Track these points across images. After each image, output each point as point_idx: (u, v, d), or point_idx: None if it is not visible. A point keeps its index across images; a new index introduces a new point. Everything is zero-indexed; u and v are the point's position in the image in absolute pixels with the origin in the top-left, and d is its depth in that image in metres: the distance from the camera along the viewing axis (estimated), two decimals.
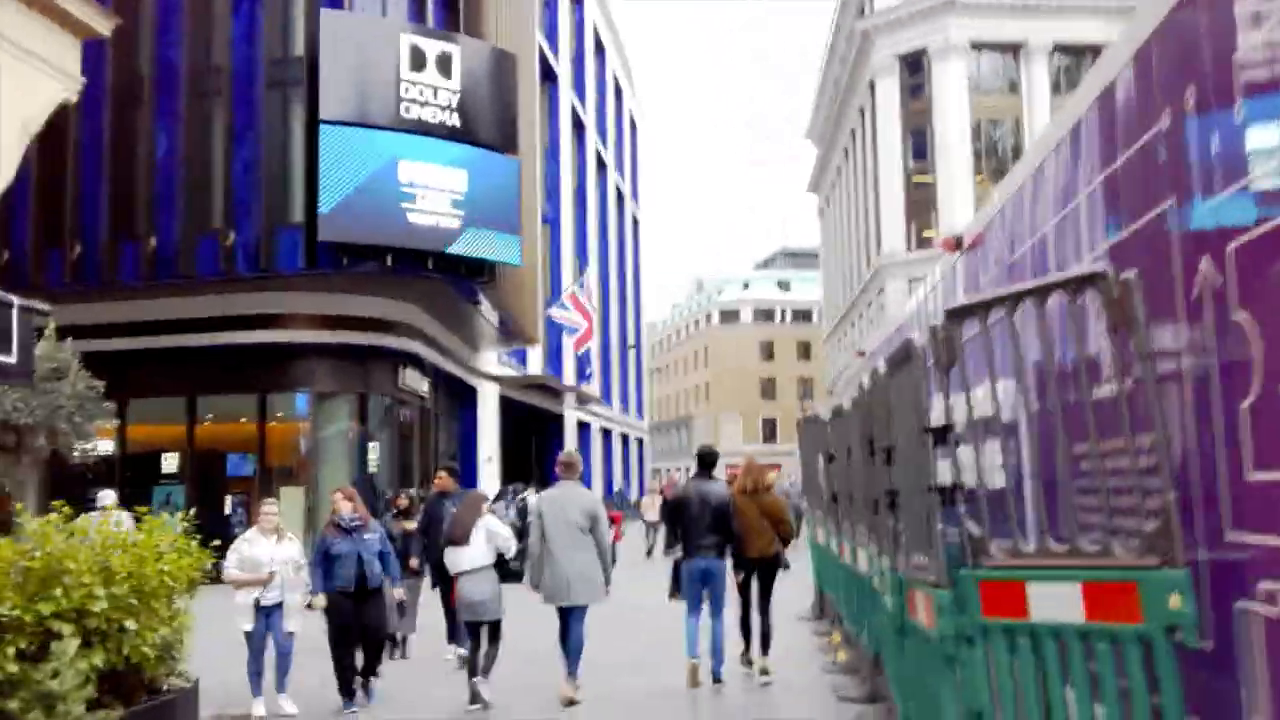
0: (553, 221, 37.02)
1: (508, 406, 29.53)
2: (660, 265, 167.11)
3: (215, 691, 7.32)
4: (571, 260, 37.87)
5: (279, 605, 7.85)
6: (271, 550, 7.89)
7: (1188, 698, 3.28)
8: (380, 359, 19.76)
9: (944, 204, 40.04)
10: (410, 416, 21.31)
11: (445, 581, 9.10)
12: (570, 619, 8.00)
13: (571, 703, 7.90)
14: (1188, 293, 3.49)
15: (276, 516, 8.09)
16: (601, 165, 46.87)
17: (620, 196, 51.81)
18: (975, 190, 39.63)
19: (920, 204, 41.63)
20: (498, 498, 12.74)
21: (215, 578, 6.95)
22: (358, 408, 19.69)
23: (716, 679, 8.46)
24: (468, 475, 26.47)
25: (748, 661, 8.92)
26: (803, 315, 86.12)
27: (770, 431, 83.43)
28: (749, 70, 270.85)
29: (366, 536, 8.08)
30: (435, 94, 17.51)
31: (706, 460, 8.99)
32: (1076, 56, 39.67)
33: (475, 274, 18.16)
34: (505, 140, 18.78)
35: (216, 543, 6.87)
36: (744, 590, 8.93)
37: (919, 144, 42.20)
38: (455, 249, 17.32)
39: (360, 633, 8.04)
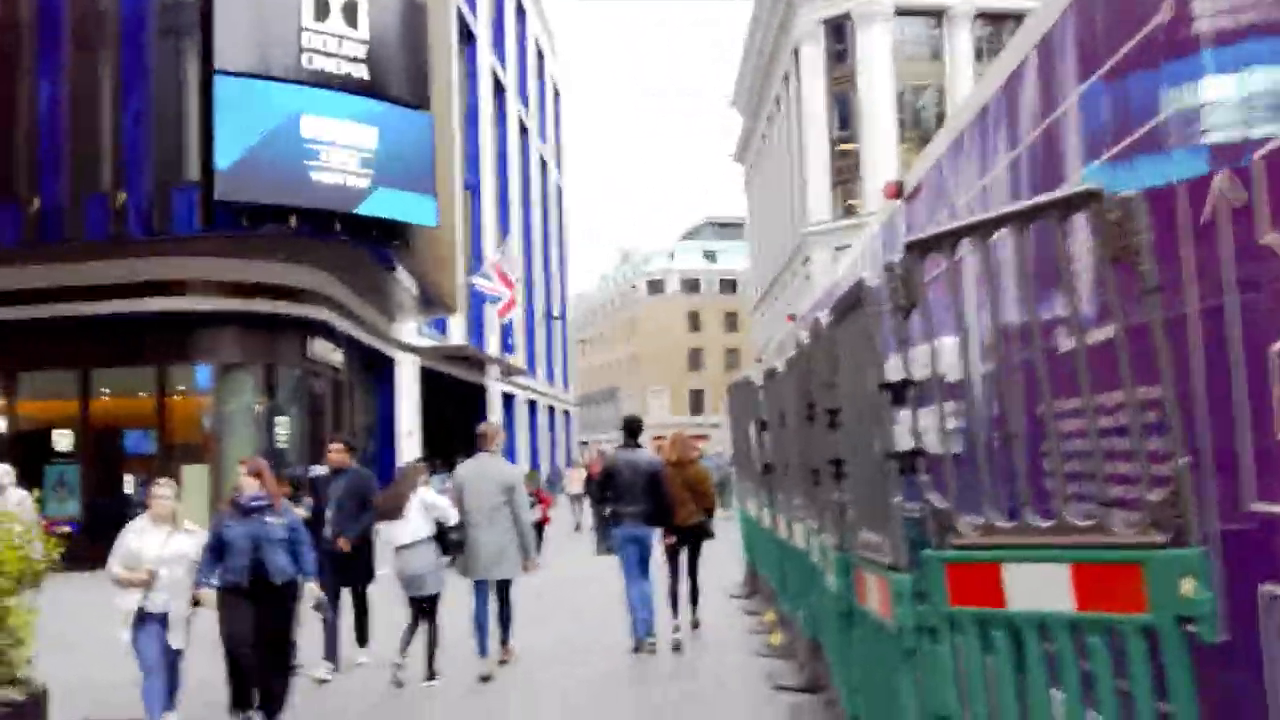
0: (473, 188, 35.96)
1: (429, 378, 28.57)
2: (586, 236, 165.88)
3: (103, 701, 6.53)
4: (494, 228, 36.88)
5: (166, 613, 6.42)
6: (162, 543, 6.47)
7: (1202, 701, 2.72)
8: (288, 328, 18.71)
9: (869, 171, 39.87)
10: (322, 389, 20.29)
11: (341, 575, 8.21)
12: (490, 594, 8.02)
13: (488, 678, 7.84)
14: (1195, 215, 2.92)
15: (171, 502, 6.62)
16: (524, 131, 45.75)
17: (543, 164, 50.74)
18: (900, 158, 39.51)
19: (845, 171, 41.44)
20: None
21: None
22: (264, 380, 18.62)
23: (645, 639, 8.59)
24: (386, 450, 25.56)
25: (677, 639, 8.81)
26: (729, 285, 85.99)
27: (698, 403, 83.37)
28: (677, 37, 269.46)
29: (270, 520, 6.54)
30: (340, 44, 16.42)
31: (632, 429, 9.18)
32: (997, 24, 39.67)
33: (388, 237, 17.16)
34: (418, 95, 17.77)
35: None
36: (673, 559, 9.09)
37: (843, 111, 41.96)
38: (365, 210, 16.30)
39: (257, 640, 6.44)
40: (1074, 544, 2.98)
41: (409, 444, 26.14)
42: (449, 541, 7.92)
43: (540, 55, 51.16)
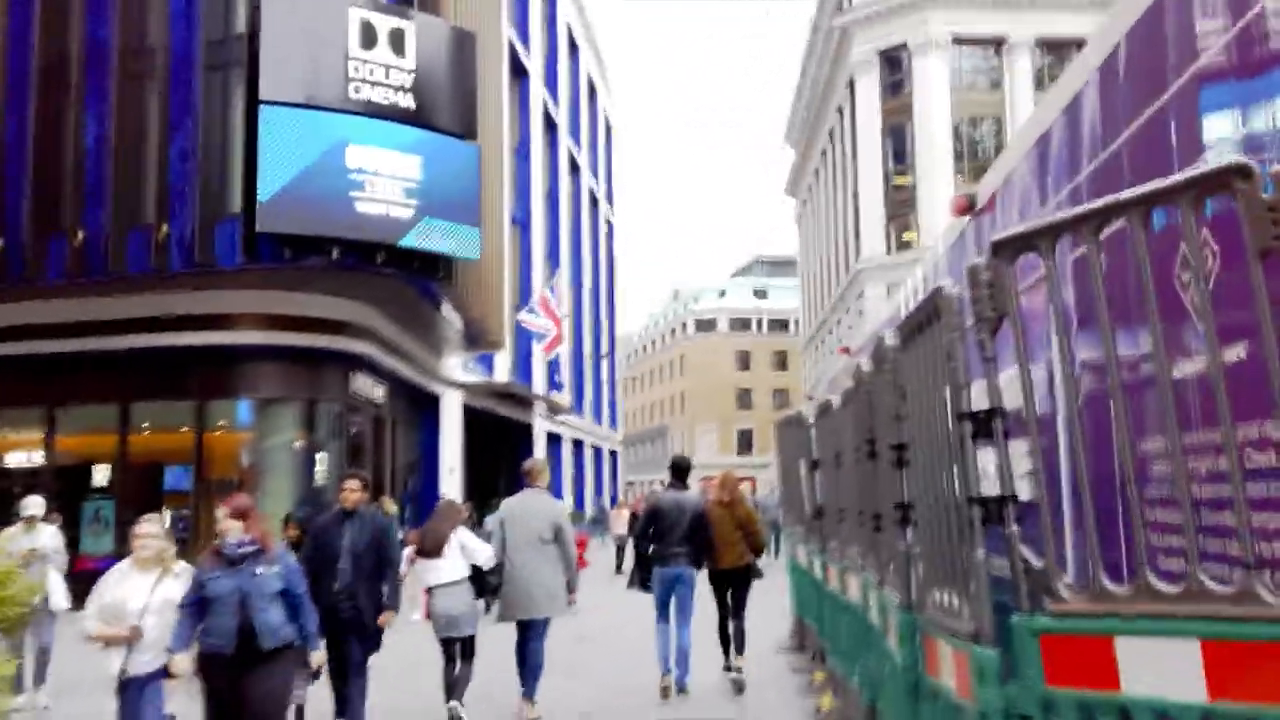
0: (523, 223, 35.81)
1: (473, 416, 28.21)
2: (636, 274, 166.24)
3: None
4: (542, 264, 36.68)
5: (157, 674, 5.49)
6: (148, 591, 5.58)
7: None
8: (329, 363, 18.43)
9: (924, 205, 39.10)
10: (363, 425, 19.95)
11: (336, 633, 6.84)
12: (529, 634, 7.77)
13: None
14: None
15: (158, 542, 5.76)
16: (575, 167, 45.69)
17: (594, 200, 50.63)
18: (957, 190, 38.72)
19: (900, 205, 40.71)
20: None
21: None
22: (305, 416, 18.32)
23: (681, 689, 8.48)
24: (429, 488, 25.16)
25: (728, 668, 8.94)
26: (779, 324, 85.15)
27: (746, 443, 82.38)
28: (730, 73, 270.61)
29: (260, 571, 5.45)
30: (387, 74, 16.22)
31: (680, 469, 9.14)
32: (1059, 52, 38.85)
33: (430, 270, 16.85)
34: (464, 125, 17.49)
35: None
36: (721, 601, 9.07)
37: (898, 143, 41.31)
38: (408, 241, 16.00)
39: None
40: (1208, 615, 2.37)
41: (451, 482, 25.73)
42: (485, 584, 7.75)
43: (593, 91, 51.24)
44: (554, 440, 39.45)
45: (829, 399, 6.76)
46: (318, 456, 18.34)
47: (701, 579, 8.77)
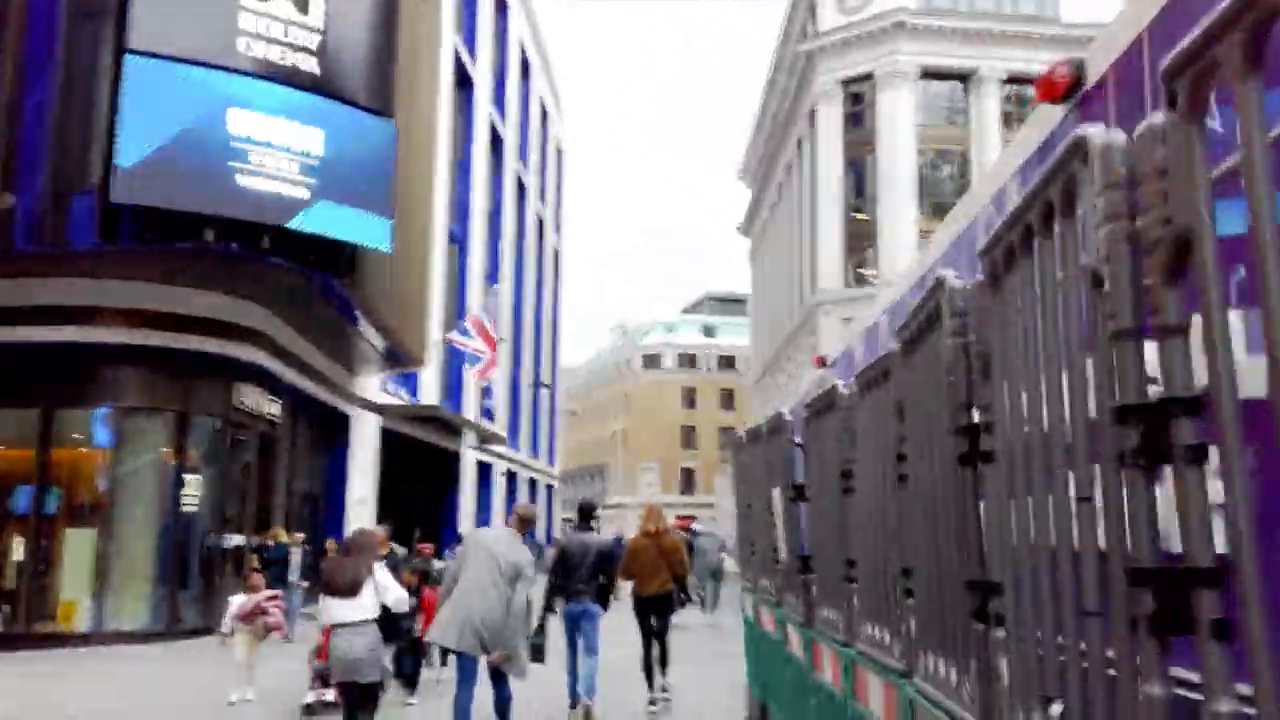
0: (461, 241, 33.34)
1: (393, 442, 25.46)
2: (582, 306, 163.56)
3: None
4: (480, 286, 34.22)
5: None
6: None
7: None
8: (209, 371, 15.71)
9: (885, 240, 37.29)
10: (249, 445, 17.16)
11: None
12: (494, 678, 7.49)
13: None
14: None
15: None
16: (522, 191, 43.37)
17: (540, 226, 48.29)
18: (920, 225, 36.97)
19: (859, 240, 38.87)
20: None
21: None
22: (175, 430, 15.55)
23: (584, 698, 8.79)
24: (333, 520, 22.36)
25: (652, 702, 9.51)
26: (728, 362, 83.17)
27: (688, 482, 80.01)
28: (686, 104, 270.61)
29: None
30: (286, 31, 13.67)
31: (585, 512, 9.66)
32: (1027, 88, 37.42)
33: (330, 263, 14.22)
34: (380, 100, 14.95)
35: None
36: (645, 626, 9.69)
37: (859, 177, 39.54)
38: (300, 224, 13.38)
39: None
40: None
41: (360, 513, 22.93)
42: (396, 628, 7.65)
43: (544, 115, 49.08)
44: (484, 470, 36.69)
45: (835, 385, 4.44)
46: (188, 479, 15.53)
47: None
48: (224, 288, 14.79)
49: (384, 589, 7.04)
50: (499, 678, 7.49)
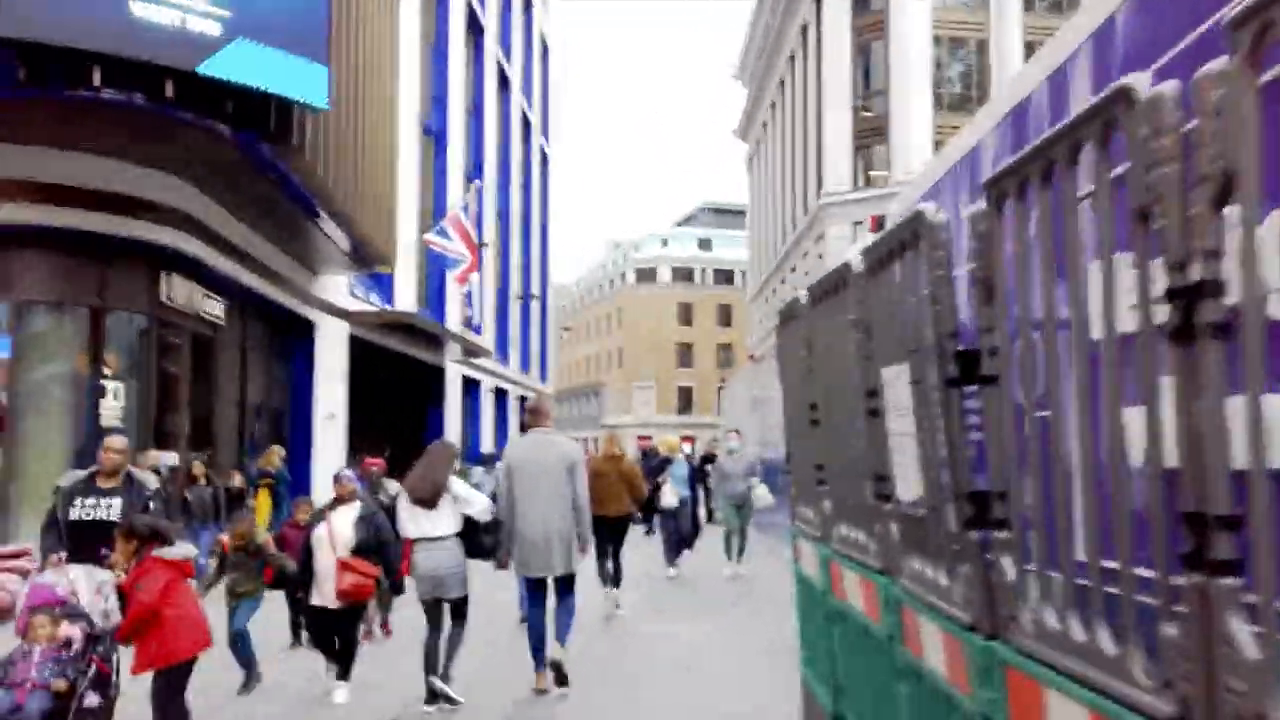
0: (438, 134, 30.60)
1: (366, 352, 23.12)
2: (573, 221, 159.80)
3: None
4: (461, 184, 31.50)
5: None
6: None
7: None
8: (126, 257, 13.28)
9: (897, 136, 34.59)
10: (182, 349, 14.76)
11: None
12: (559, 589, 7.38)
13: (545, 692, 7.13)
14: None
15: None
16: (504, 82, 40.33)
17: (526, 124, 45.27)
18: (934, 121, 34.26)
19: (868, 135, 36.15)
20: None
21: None
22: (89, 329, 13.16)
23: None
24: (300, 435, 20.15)
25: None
26: (725, 276, 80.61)
27: (686, 401, 78.07)
28: (672, 11, 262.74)
29: None
30: None
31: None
32: None
33: (256, 120, 11.68)
34: None
35: None
36: (600, 547, 10.21)
37: (868, 67, 36.65)
38: (212, 69, 10.80)
39: None
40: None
41: (329, 430, 20.71)
42: (479, 542, 7.12)
43: (528, 2, 45.71)
44: (471, 387, 34.48)
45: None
46: (108, 386, 13.20)
47: None
48: (133, 156, 12.25)
49: (465, 501, 7.00)
50: (565, 592, 7.41)
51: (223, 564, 7.15)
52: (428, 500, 6.87)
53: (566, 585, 7.42)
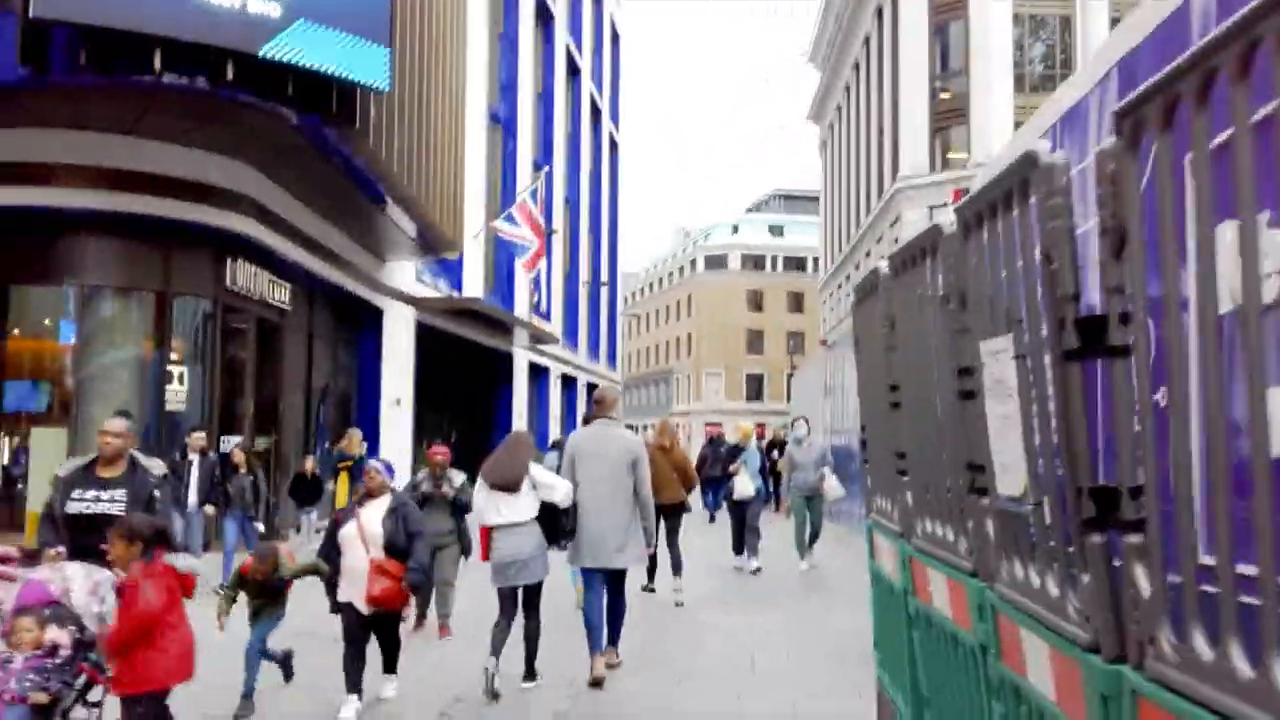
0: (507, 122, 30.47)
1: (434, 338, 23.08)
2: (642, 208, 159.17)
3: None
4: (530, 173, 31.31)
5: None
6: None
7: None
8: (192, 242, 13.25)
9: (977, 117, 33.54)
10: (248, 333, 14.73)
11: None
12: (609, 587, 7.29)
13: (601, 683, 6.92)
14: None
15: None
16: (574, 70, 40.09)
17: (596, 111, 45.00)
18: (1015, 103, 33.13)
19: (946, 117, 35.11)
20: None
21: None
22: (153, 315, 13.17)
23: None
24: (367, 420, 20.12)
25: (648, 588, 10.48)
26: (796, 263, 79.51)
27: (756, 389, 77.28)
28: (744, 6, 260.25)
29: None
30: None
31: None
32: None
33: (317, 102, 11.48)
34: None
35: None
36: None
37: (945, 47, 35.58)
38: (274, 51, 10.66)
39: None
40: None
41: (395, 416, 20.68)
42: (559, 528, 7.05)
43: None
44: (538, 374, 34.39)
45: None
46: (173, 371, 13.21)
47: None
48: (196, 141, 12.18)
49: (547, 486, 6.95)
50: (615, 586, 7.34)
51: (241, 585, 6.46)
52: (510, 486, 6.87)
53: (618, 584, 7.36)
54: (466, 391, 28.35)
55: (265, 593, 6.37)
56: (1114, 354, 2.11)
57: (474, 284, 26.25)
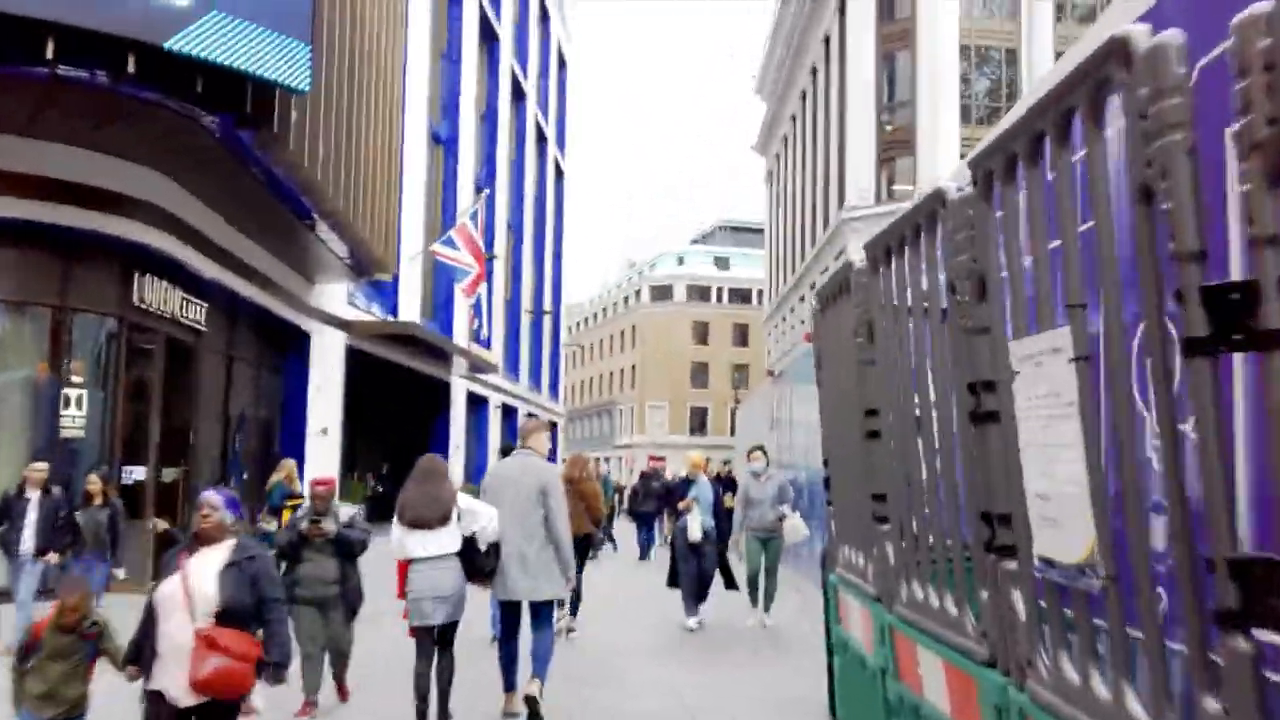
0: (449, 142, 29.62)
1: (366, 365, 22.04)
2: (587, 238, 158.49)
3: None
4: (472, 195, 30.47)
5: None
6: None
7: None
8: (96, 254, 12.21)
9: (924, 147, 33.42)
10: (155, 354, 13.64)
11: None
12: (533, 621, 6.94)
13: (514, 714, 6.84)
14: None
15: None
16: (519, 94, 39.40)
17: (541, 136, 44.30)
18: (961, 134, 33.11)
19: (893, 147, 34.98)
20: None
21: None
22: (49, 333, 12.08)
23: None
24: (292, 452, 18.97)
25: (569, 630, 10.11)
26: (741, 295, 79.31)
27: (700, 422, 76.65)
28: (690, 26, 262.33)
29: None
30: None
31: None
32: None
33: (229, 101, 10.58)
34: None
35: None
36: None
37: (892, 77, 35.54)
38: (182, 43, 9.76)
39: None
40: None
41: (320, 446, 19.58)
42: (477, 565, 6.63)
43: (545, 13, 44.82)
44: (478, 403, 33.35)
45: None
46: (71, 394, 12.09)
47: None
48: (99, 142, 11.19)
49: (473, 515, 6.63)
50: (542, 620, 6.94)
51: (31, 650, 4.93)
52: (435, 523, 6.49)
53: (538, 619, 6.98)
54: (401, 421, 27.26)
55: (64, 662, 4.90)
56: (1269, 344, 1.36)
57: (410, 308, 25.24)
